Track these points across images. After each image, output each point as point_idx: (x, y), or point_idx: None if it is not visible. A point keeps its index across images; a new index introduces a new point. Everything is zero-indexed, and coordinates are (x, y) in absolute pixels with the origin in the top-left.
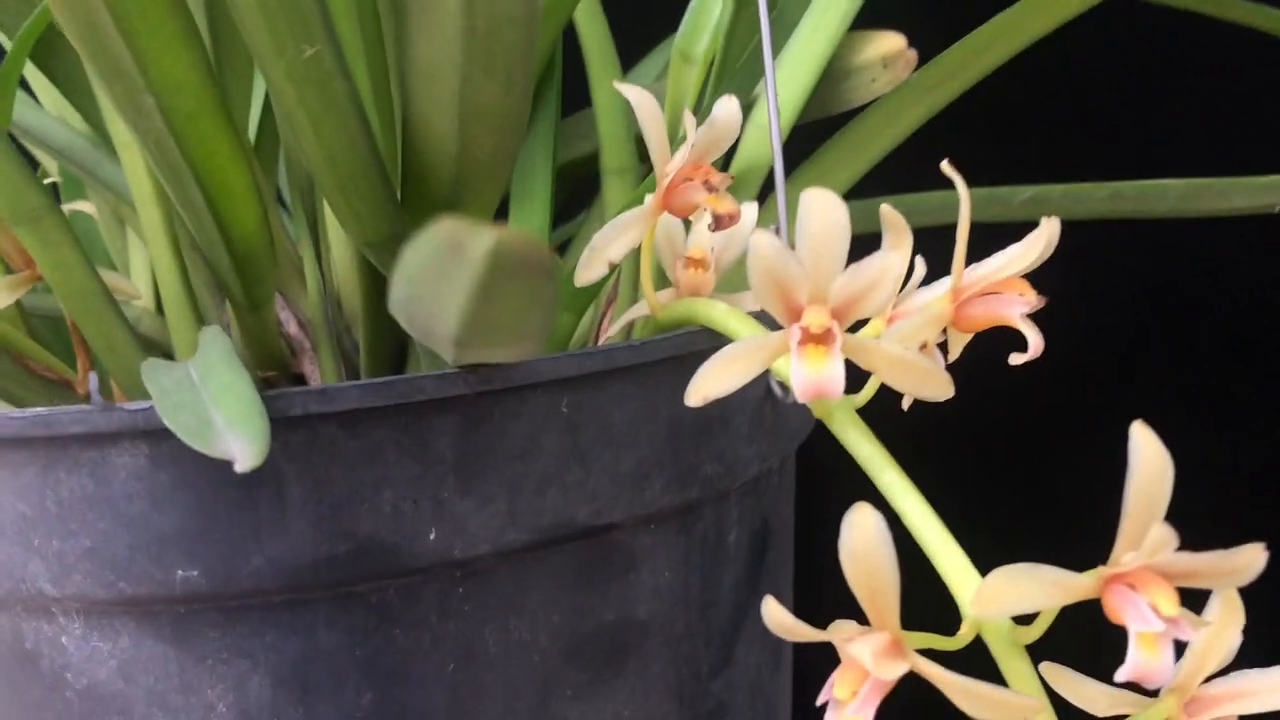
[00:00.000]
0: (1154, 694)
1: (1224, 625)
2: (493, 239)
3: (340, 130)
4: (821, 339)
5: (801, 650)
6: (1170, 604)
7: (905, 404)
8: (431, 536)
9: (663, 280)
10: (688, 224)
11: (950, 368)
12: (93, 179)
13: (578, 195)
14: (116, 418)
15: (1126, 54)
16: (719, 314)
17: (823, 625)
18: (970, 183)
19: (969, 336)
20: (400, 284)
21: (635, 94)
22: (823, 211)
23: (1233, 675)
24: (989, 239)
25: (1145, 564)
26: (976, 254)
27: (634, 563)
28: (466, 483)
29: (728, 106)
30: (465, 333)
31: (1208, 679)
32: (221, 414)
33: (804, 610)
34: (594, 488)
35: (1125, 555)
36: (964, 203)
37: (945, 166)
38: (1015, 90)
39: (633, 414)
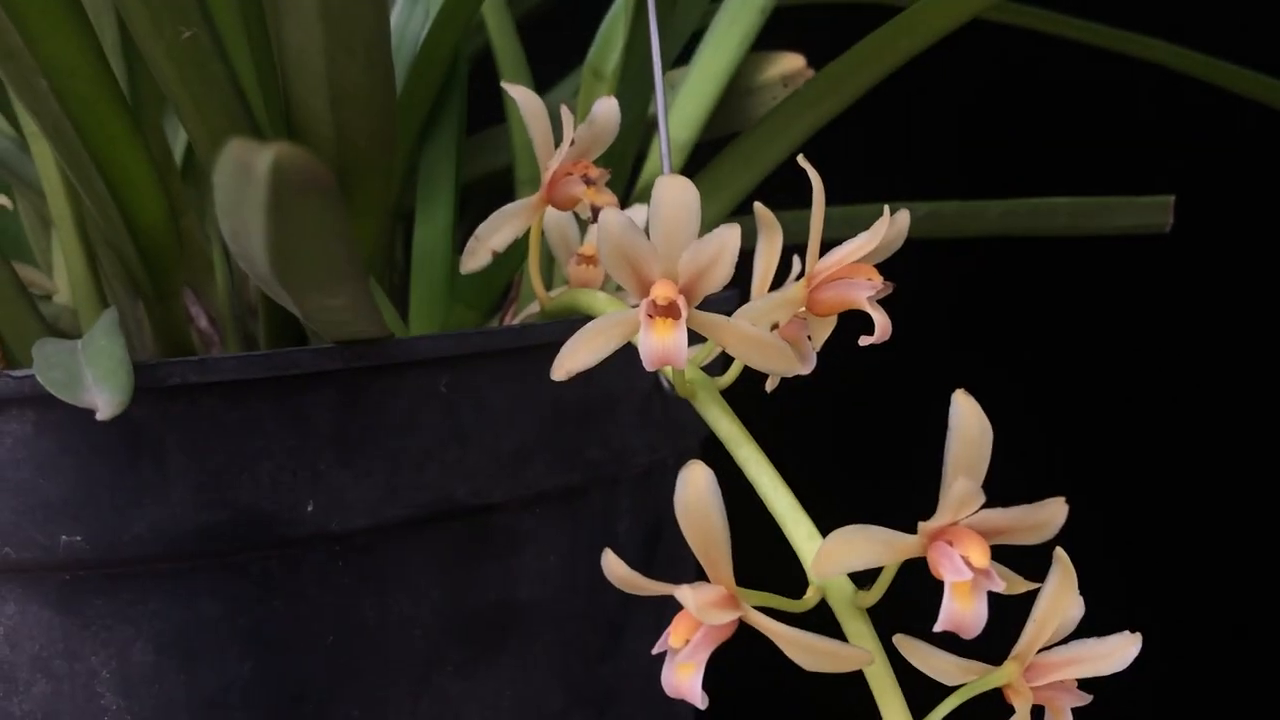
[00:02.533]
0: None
1: (1059, 595)
2: (273, 154)
3: (222, 111)
4: (668, 311)
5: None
6: (980, 556)
7: (769, 385)
8: (309, 508)
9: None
10: (584, 227)
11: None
12: (17, 180)
13: (496, 207)
14: (2, 384)
15: (1019, 77)
16: (599, 302)
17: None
18: (869, 198)
19: (831, 323)
20: (223, 220)
21: (520, 93)
22: (673, 195)
23: (1070, 644)
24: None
25: (963, 523)
26: (885, 264)
27: (517, 544)
28: (345, 456)
29: (606, 106)
30: (276, 262)
31: (1047, 648)
32: (91, 372)
33: None
34: (473, 466)
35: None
36: (818, 194)
37: (801, 160)
38: (919, 111)
39: (513, 395)
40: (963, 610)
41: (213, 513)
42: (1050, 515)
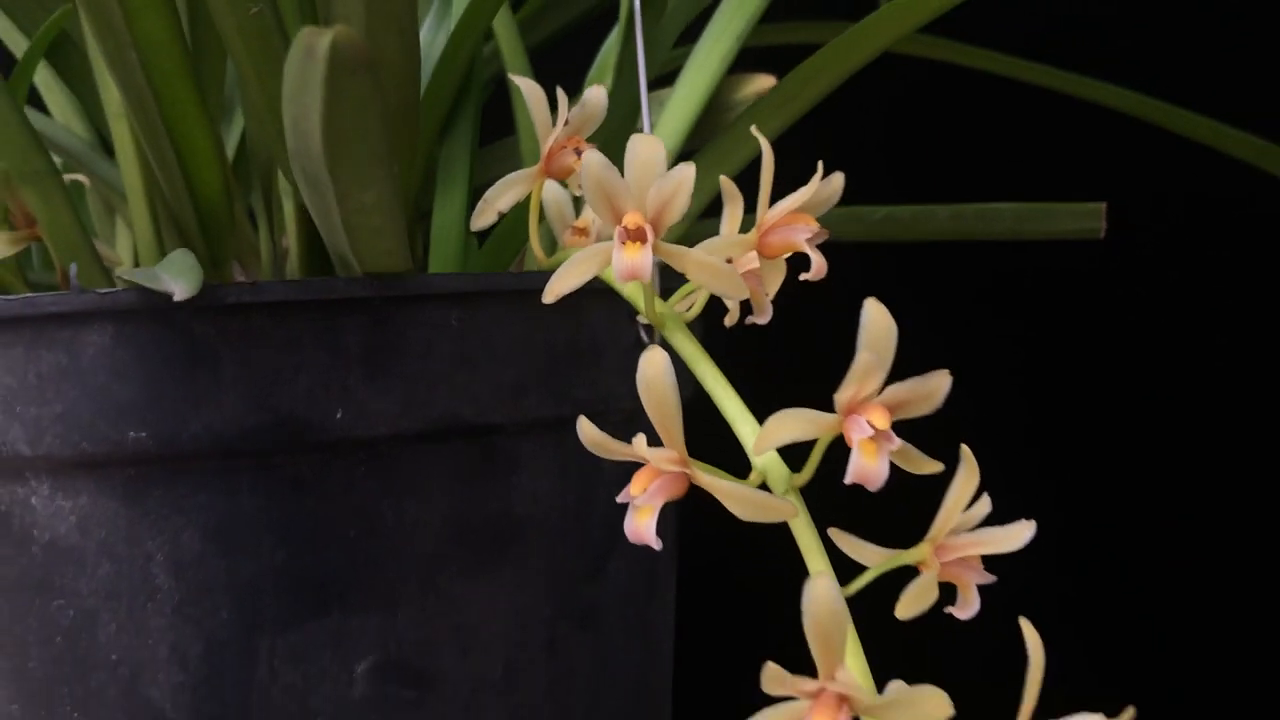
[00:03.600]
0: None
1: (965, 487)
2: (331, 34)
3: (279, 79)
4: (637, 235)
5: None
6: (882, 420)
7: (728, 320)
8: (338, 416)
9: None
10: (579, 204)
11: None
12: (90, 174)
13: None
14: (89, 299)
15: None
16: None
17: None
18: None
19: (781, 272)
20: (288, 109)
21: (523, 82)
22: (644, 147)
23: (976, 530)
24: (851, 252)
25: (869, 399)
26: (840, 274)
27: (515, 465)
28: (369, 373)
29: (595, 93)
30: (328, 136)
31: (955, 534)
32: (168, 272)
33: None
34: (478, 391)
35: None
36: (767, 157)
37: (753, 129)
38: (879, 119)
39: (513, 334)
40: (867, 464)
41: (257, 416)
42: (937, 384)
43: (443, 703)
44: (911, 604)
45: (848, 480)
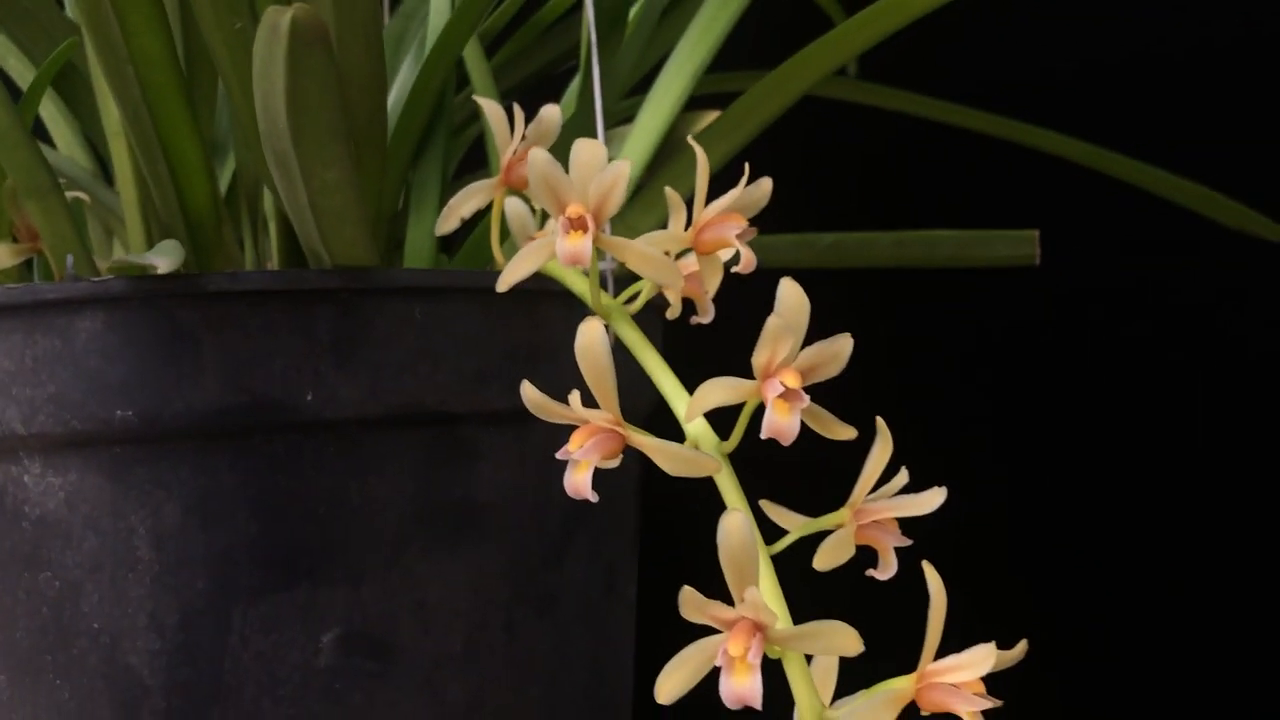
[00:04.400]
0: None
1: (881, 457)
2: (291, 11)
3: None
4: (578, 224)
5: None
6: (793, 380)
7: (670, 314)
8: (309, 398)
9: None
10: (538, 216)
11: None
12: (92, 199)
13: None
14: (82, 287)
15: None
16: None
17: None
18: (783, 229)
19: (719, 273)
20: (258, 88)
21: (486, 103)
22: (586, 149)
23: (892, 498)
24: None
25: (784, 364)
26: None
27: (476, 454)
28: (338, 360)
29: (549, 110)
30: (291, 111)
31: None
32: (156, 253)
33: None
34: (440, 381)
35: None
36: (701, 164)
37: (689, 139)
38: (819, 155)
39: (474, 329)
40: (780, 420)
41: (234, 397)
42: (841, 347)
43: (404, 675)
44: (828, 556)
45: (763, 435)
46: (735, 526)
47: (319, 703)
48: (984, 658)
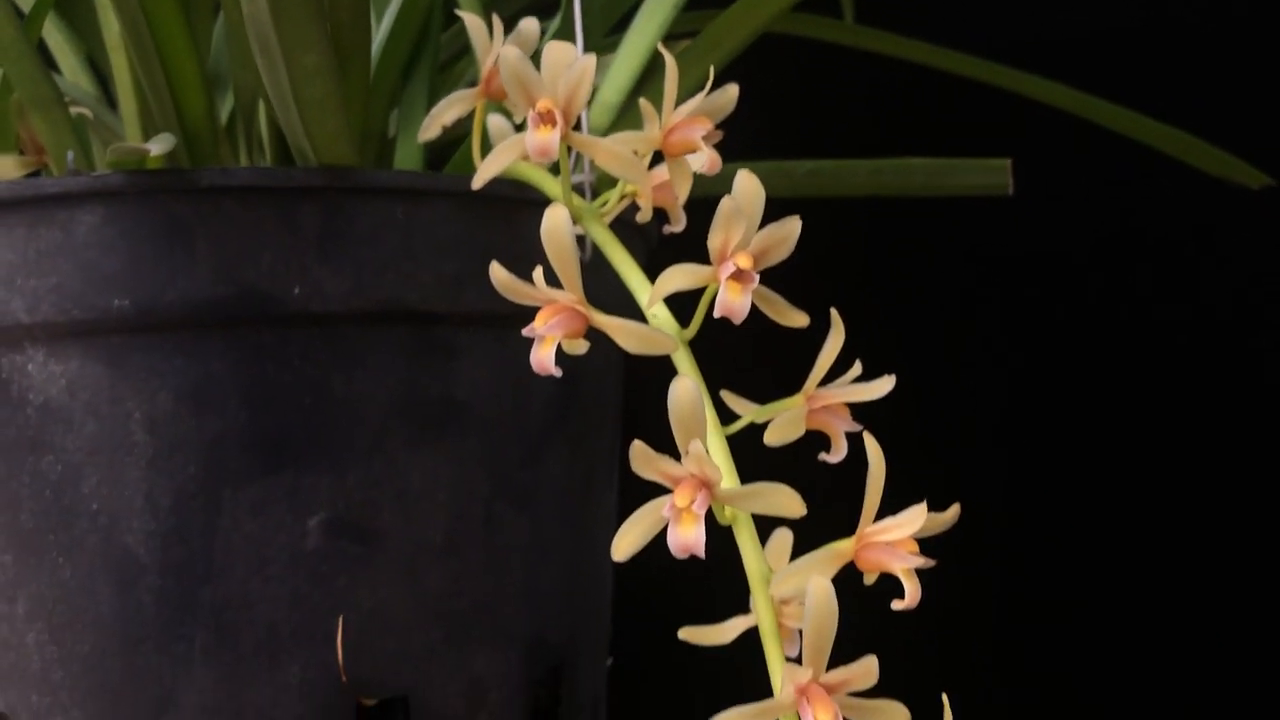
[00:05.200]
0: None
1: (833, 348)
2: None
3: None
4: (547, 119)
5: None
6: (745, 261)
7: (640, 218)
8: (296, 291)
9: None
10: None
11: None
12: (95, 118)
13: None
14: (83, 181)
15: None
16: (520, 167)
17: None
18: (759, 156)
19: (688, 179)
20: None
21: (467, 16)
22: (555, 50)
23: (845, 386)
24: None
25: (739, 248)
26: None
27: (455, 352)
28: (324, 256)
29: (528, 23)
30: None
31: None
32: (151, 142)
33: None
34: (421, 280)
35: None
36: (669, 65)
37: (659, 46)
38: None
39: (455, 231)
40: (732, 300)
41: (225, 289)
42: (790, 229)
43: (387, 560)
44: (779, 433)
45: (716, 313)
46: (684, 388)
47: (305, 583)
48: (916, 517)
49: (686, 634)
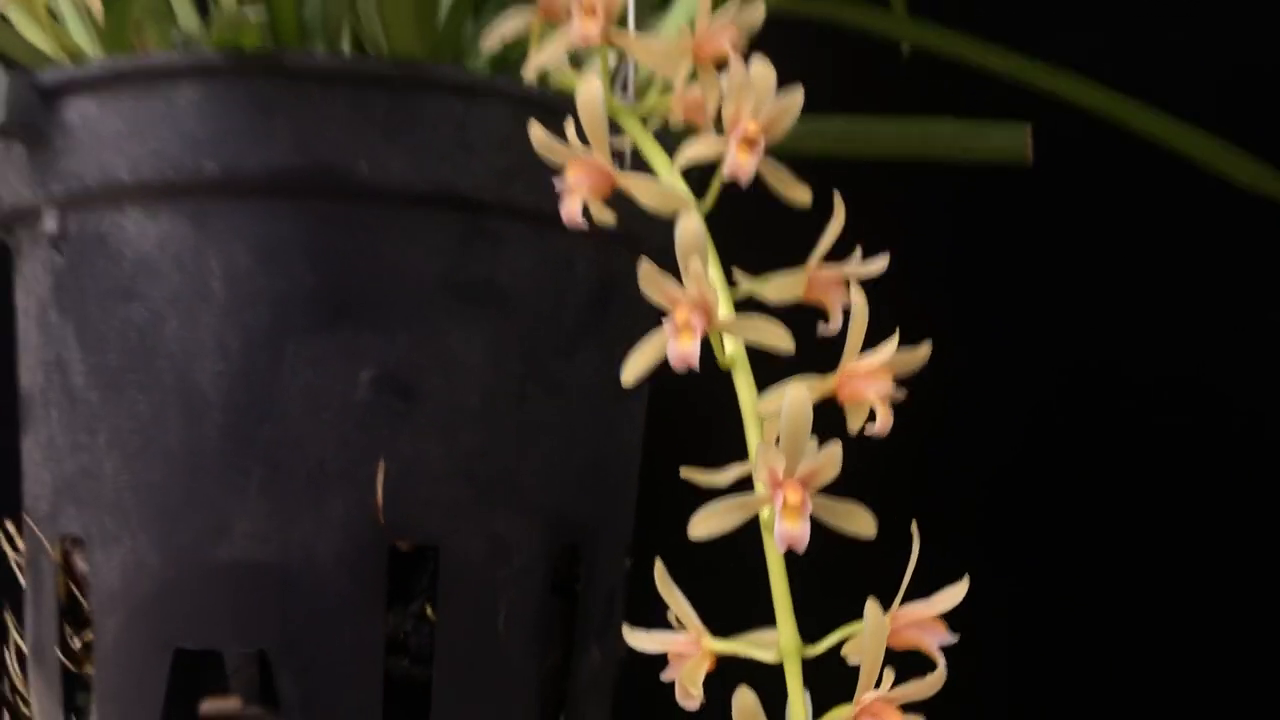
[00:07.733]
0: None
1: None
2: None
3: None
4: (590, 10)
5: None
6: (754, 126)
7: (673, 120)
8: (362, 168)
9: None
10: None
11: None
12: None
13: None
14: (186, 58)
15: None
16: (564, 77)
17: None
18: None
19: (718, 87)
20: None
21: None
22: None
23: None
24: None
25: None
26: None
27: (500, 241)
28: (389, 140)
29: None
30: None
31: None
32: (248, 7)
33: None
34: (474, 170)
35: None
36: None
37: None
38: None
39: (507, 130)
40: (740, 160)
41: (300, 159)
42: (793, 101)
43: (426, 418)
44: (778, 289)
45: (725, 175)
46: (689, 224)
47: (354, 431)
48: (890, 349)
49: (688, 473)
